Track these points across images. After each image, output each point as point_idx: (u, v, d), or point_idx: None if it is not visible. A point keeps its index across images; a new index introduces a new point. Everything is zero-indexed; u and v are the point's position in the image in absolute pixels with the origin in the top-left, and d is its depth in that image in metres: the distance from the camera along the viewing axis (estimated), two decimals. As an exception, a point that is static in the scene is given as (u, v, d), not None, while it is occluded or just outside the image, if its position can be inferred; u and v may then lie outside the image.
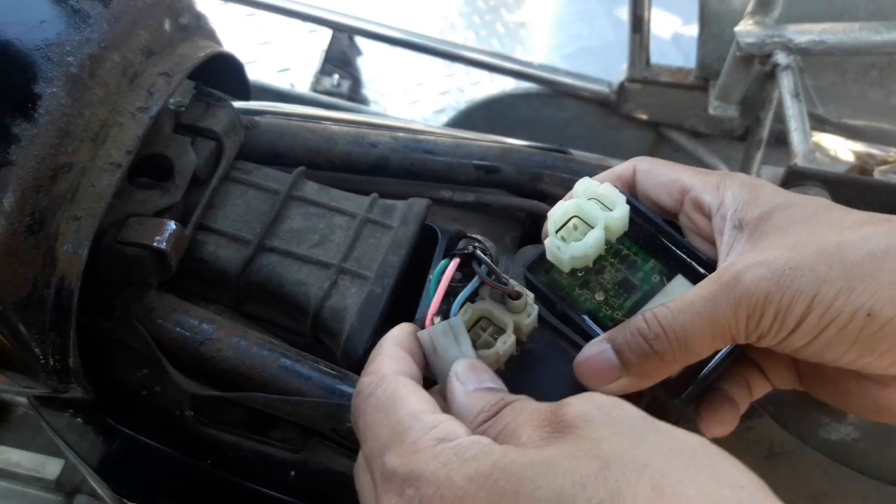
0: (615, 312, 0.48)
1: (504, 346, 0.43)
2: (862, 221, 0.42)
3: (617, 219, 0.47)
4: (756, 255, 0.41)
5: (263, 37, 2.24)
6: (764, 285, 0.39)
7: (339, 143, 0.68)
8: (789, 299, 0.39)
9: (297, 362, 0.55)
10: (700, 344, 0.42)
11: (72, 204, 0.50)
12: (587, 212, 0.47)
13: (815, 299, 0.39)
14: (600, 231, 0.46)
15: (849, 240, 0.40)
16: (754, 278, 0.40)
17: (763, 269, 0.40)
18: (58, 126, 0.49)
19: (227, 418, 0.58)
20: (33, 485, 0.99)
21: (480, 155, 0.69)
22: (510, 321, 0.44)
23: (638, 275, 0.48)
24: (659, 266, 0.49)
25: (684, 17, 2.43)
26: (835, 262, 0.39)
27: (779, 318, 0.40)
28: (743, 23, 1.21)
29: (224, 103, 0.64)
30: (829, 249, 0.40)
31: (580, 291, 0.48)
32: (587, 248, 0.46)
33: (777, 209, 0.44)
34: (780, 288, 0.39)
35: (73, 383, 0.54)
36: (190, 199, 0.59)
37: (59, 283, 0.50)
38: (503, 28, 2.56)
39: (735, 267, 0.41)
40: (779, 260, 0.40)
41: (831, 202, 0.44)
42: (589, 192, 0.48)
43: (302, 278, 0.58)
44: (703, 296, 0.41)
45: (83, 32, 0.51)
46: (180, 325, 0.56)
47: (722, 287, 0.41)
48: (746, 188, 0.46)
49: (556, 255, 0.47)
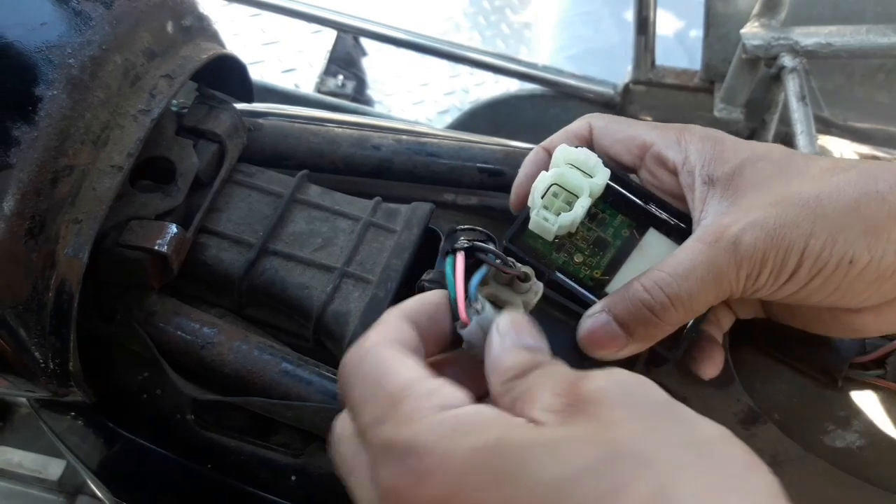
0: (594, 271, 0.49)
1: None
2: (830, 170, 0.45)
3: (599, 185, 0.49)
4: (744, 215, 0.44)
5: (268, 37, 2.24)
6: (761, 245, 0.43)
7: (342, 146, 0.68)
8: (783, 255, 0.43)
9: (299, 367, 0.54)
10: (703, 306, 0.45)
11: (72, 207, 0.50)
12: (569, 181, 0.48)
13: (804, 253, 0.43)
14: (587, 200, 0.48)
15: (825, 192, 0.43)
16: (752, 240, 0.43)
17: (758, 231, 0.43)
18: (58, 129, 0.49)
19: (228, 422, 0.57)
20: (35, 485, 0.99)
21: (484, 158, 0.68)
22: (519, 301, 0.44)
23: (609, 231, 0.50)
24: (627, 221, 0.50)
25: (690, 19, 2.42)
26: (817, 217, 0.43)
27: (773, 273, 0.43)
28: (749, 25, 1.20)
29: (227, 105, 0.63)
30: (809, 204, 0.43)
31: (557, 255, 0.50)
32: (576, 217, 0.48)
33: (746, 164, 0.46)
34: (774, 246, 0.43)
35: (73, 387, 0.54)
36: (192, 202, 0.59)
37: (59, 287, 0.50)
38: (508, 29, 2.56)
39: (730, 230, 0.43)
40: (769, 219, 0.43)
41: (790, 149, 0.47)
42: (568, 159, 0.49)
43: (305, 282, 0.58)
44: (703, 260, 0.43)
45: (84, 34, 0.51)
46: (181, 329, 0.56)
47: (721, 251, 0.43)
48: (709, 143, 0.48)
49: (544, 227, 0.48)
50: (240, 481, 0.57)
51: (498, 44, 2.50)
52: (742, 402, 0.55)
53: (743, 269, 0.43)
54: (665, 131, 0.50)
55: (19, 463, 0.98)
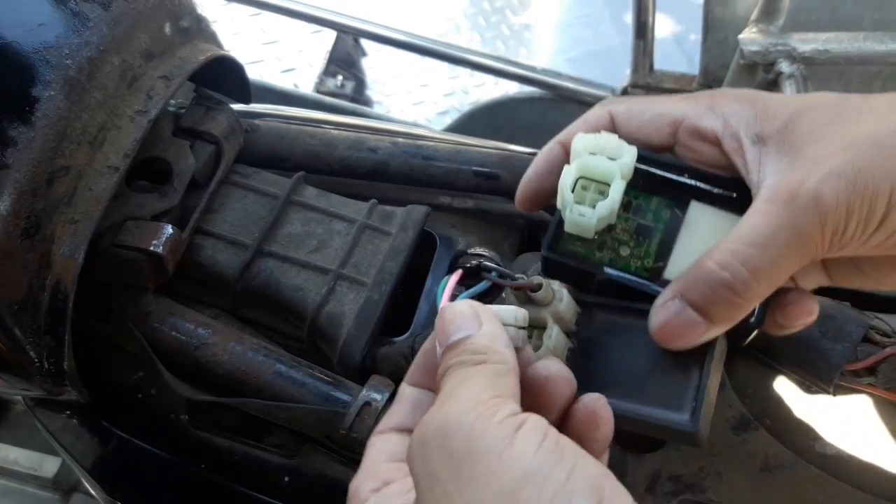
0: (645, 261, 0.45)
1: (551, 340, 0.42)
2: (889, 106, 0.40)
3: (628, 164, 0.45)
4: (816, 167, 0.39)
5: (268, 37, 2.24)
6: (844, 196, 0.38)
7: (339, 148, 0.68)
8: (869, 203, 0.38)
9: (293, 368, 0.55)
10: (788, 273, 0.40)
11: (68, 207, 0.50)
12: (596, 168, 0.44)
13: (892, 196, 0.38)
14: (620, 182, 0.44)
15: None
16: (832, 191, 0.38)
17: (836, 181, 0.38)
18: (55, 129, 0.49)
19: (222, 423, 0.58)
20: (30, 483, 0.99)
21: (480, 161, 0.68)
22: (547, 314, 0.43)
23: (648, 216, 0.46)
24: (665, 200, 0.46)
25: (689, 23, 2.42)
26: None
27: (861, 224, 0.39)
28: (747, 30, 1.20)
29: (224, 107, 0.64)
30: (886, 141, 0.38)
31: (602, 254, 0.46)
32: (613, 203, 0.44)
33: (797, 115, 0.41)
34: (858, 195, 0.38)
35: (67, 386, 0.54)
36: (188, 203, 0.59)
37: (54, 287, 0.50)
38: (508, 30, 2.56)
39: (806, 184, 0.38)
40: (846, 165, 0.38)
41: (839, 94, 0.43)
42: (588, 147, 0.45)
43: (300, 283, 0.58)
44: (783, 223, 0.39)
45: (82, 35, 0.51)
46: (176, 330, 0.56)
47: (801, 209, 0.38)
48: (746, 102, 0.43)
49: (582, 223, 0.44)
50: (233, 481, 0.58)
51: (498, 45, 2.50)
52: (734, 409, 0.55)
53: (828, 225, 0.38)
54: (694, 101, 0.45)
55: (14, 460, 0.98)
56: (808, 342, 0.56)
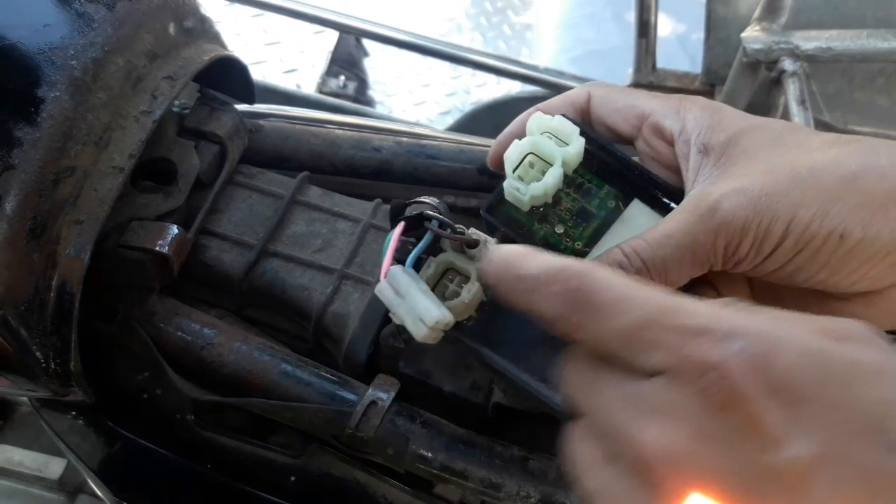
0: (575, 243, 0.48)
1: (469, 294, 0.43)
2: (829, 142, 0.42)
3: (573, 154, 0.47)
4: (730, 183, 0.41)
5: (270, 38, 2.25)
6: (741, 213, 0.40)
7: (343, 148, 0.68)
8: (766, 225, 0.40)
9: (298, 368, 0.55)
10: (680, 275, 0.42)
11: (74, 208, 0.50)
12: (542, 149, 0.46)
13: (791, 224, 0.40)
14: (558, 169, 0.46)
15: (820, 163, 0.40)
16: (731, 206, 0.40)
17: (739, 197, 0.40)
18: (61, 130, 0.49)
19: (228, 423, 0.58)
20: (36, 484, 0.99)
21: (483, 160, 0.68)
22: (473, 269, 0.44)
23: (594, 202, 0.48)
24: (614, 192, 0.49)
25: (691, 22, 2.42)
26: (809, 187, 0.40)
27: (756, 244, 0.40)
28: (750, 29, 1.20)
29: (228, 107, 0.64)
30: (802, 173, 0.40)
31: (539, 226, 0.48)
32: (546, 187, 0.46)
33: (743, 133, 0.43)
34: (757, 214, 0.40)
35: (73, 386, 0.54)
36: (193, 203, 0.59)
37: (60, 287, 0.50)
38: (510, 30, 2.56)
39: (711, 196, 0.41)
40: (754, 186, 0.40)
41: (792, 123, 0.45)
42: (542, 127, 0.47)
43: (305, 283, 0.58)
44: (681, 227, 0.41)
45: (87, 36, 0.51)
46: (181, 330, 0.56)
47: (699, 217, 0.41)
48: (707, 111, 0.45)
49: (516, 196, 0.47)
50: (239, 481, 0.58)
51: (500, 45, 2.50)
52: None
53: (721, 236, 0.40)
54: (665, 101, 0.47)
55: (20, 462, 0.98)
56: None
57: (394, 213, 0.47)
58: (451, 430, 0.53)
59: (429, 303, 0.42)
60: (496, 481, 0.51)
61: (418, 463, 0.52)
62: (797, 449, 0.28)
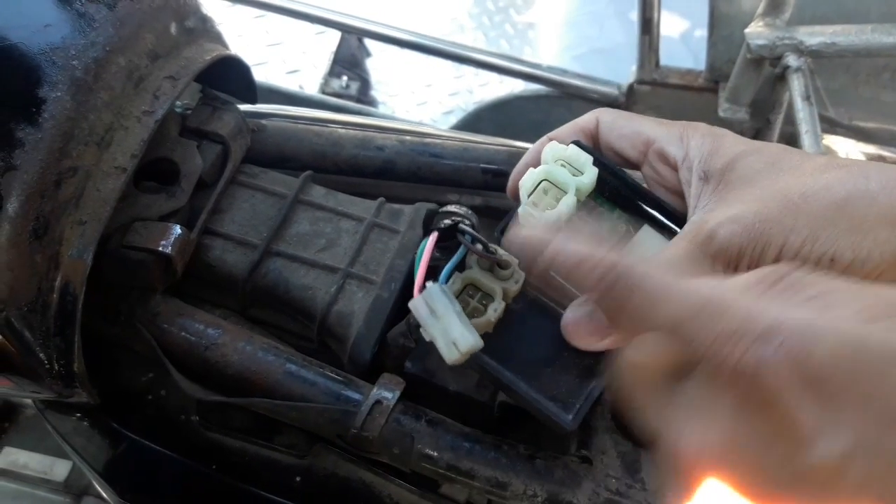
0: None
1: (495, 313, 0.45)
2: (822, 167, 0.44)
3: (586, 184, 0.48)
4: (725, 210, 0.43)
5: (272, 38, 2.25)
6: (736, 241, 0.42)
7: (346, 147, 0.68)
8: (760, 250, 0.42)
9: (303, 367, 0.54)
10: None
11: (76, 208, 0.50)
12: (557, 177, 0.48)
13: (783, 249, 0.41)
14: (572, 198, 0.47)
15: (812, 189, 0.42)
16: (727, 234, 0.42)
17: (734, 225, 0.42)
18: (62, 130, 0.49)
19: (233, 423, 0.58)
20: (41, 486, 0.99)
21: (488, 158, 0.68)
22: (498, 288, 0.45)
23: (605, 226, 0.50)
24: (625, 217, 0.50)
25: (695, 19, 2.41)
26: (800, 213, 0.42)
27: (751, 268, 0.41)
28: (753, 25, 1.20)
29: (230, 107, 0.63)
30: (794, 200, 0.42)
31: None
32: (560, 215, 0.47)
33: (739, 158, 0.45)
34: (751, 241, 0.42)
35: (77, 387, 0.54)
36: (196, 203, 0.59)
37: (63, 288, 0.50)
38: (512, 29, 2.56)
39: (708, 225, 0.43)
40: (748, 214, 0.42)
41: (789, 147, 0.46)
42: (557, 156, 0.49)
43: (309, 283, 0.58)
44: (681, 254, 0.43)
45: (88, 36, 0.51)
46: (185, 330, 0.56)
47: (698, 246, 0.43)
48: (709, 138, 0.47)
49: (531, 223, 0.48)
50: (244, 482, 0.58)
51: (502, 44, 2.50)
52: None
53: (718, 263, 0.42)
54: (669, 127, 0.49)
55: (25, 464, 0.98)
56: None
57: (427, 220, 0.48)
58: (456, 429, 0.53)
59: (464, 329, 0.43)
60: (502, 480, 0.51)
61: (424, 462, 0.51)
62: (829, 445, 0.29)
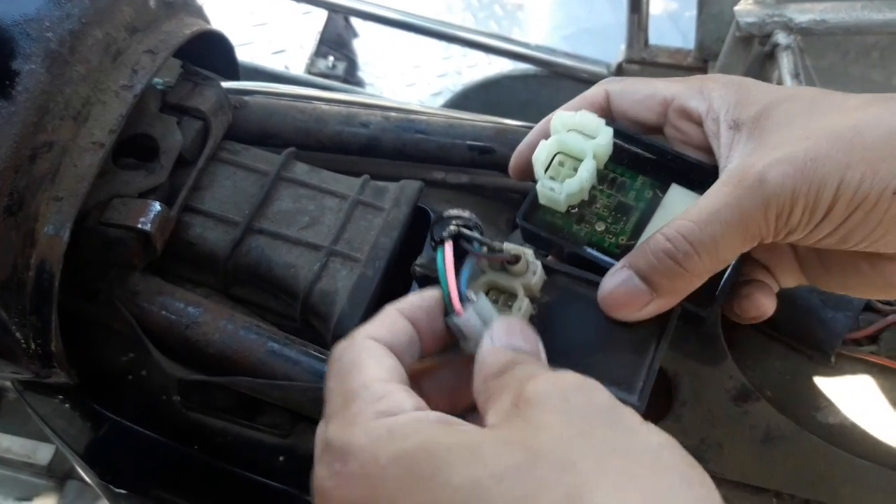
0: (619, 238, 0.47)
1: (521, 311, 0.42)
2: (867, 102, 0.41)
3: (603, 145, 0.46)
4: (771, 153, 0.40)
5: (258, 18, 2.22)
6: (790, 182, 0.39)
7: (330, 124, 0.67)
8: (816, 190, 0.39)
9: (285, 346, 0.54)
10: (731, 251, 0.41)
11: (52, 184, 0.49)
12: (571, 145, 0.46)
13: (840, 186, 0.39)
14: (591, 162, 0.45)
15: (862, 122, 0.39)
16: (778, 176, 0.39)
17: (785, 166, 0.39)
18: (37, 104, 0.47)
19: (215, 403, 0.57)
20: (25, 470, 0.99)
21: (474, 135, 0.67)
22: (518, 285, 0.43)
23: (630, 195, 0.48)
24: (649, 181, 0.48)
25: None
26: (854, 147, 0.39)
27: (807, 211, 0.39)
28: (743, 2, 1.19)
29: (211, 82, 0.62)
30: (845, 134, 0.39)
31: (578, 227, 0.47)
32: (582, 182, 0.45)
33: (773, 105, 0.43)
34: (805, 181, 0.39)
35: (55, 368, 0.53)
36: (176, 180, 0.58)
37: (39, 266, 0.49)
38: (501, 10, 2.54)
39: (755, 167, 0.40)
40: (797, 153, 0.39)
41: (823, 90, 0.44)
42: (567, 125, 0.47)
43: (291, 261, 0.57)
44: (728, 201, 0.40)
45: (63, 7, 0.50)
46: (165, 309, 0.55)
47: (746, 190, 0.40)
48: (732, 87, 0.45)
49: (552, 197, 0.46)
50: (227, 462, 0.57)
51: (491, 24, 2.48)
52: (735, 379, 0.54)
53: (771, 207, 0.39)
54: (687, 83, 0.47)
55: (8, 448, 0.98)
56: (810, 311, 0.55)
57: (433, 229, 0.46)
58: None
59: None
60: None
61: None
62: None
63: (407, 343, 0.39)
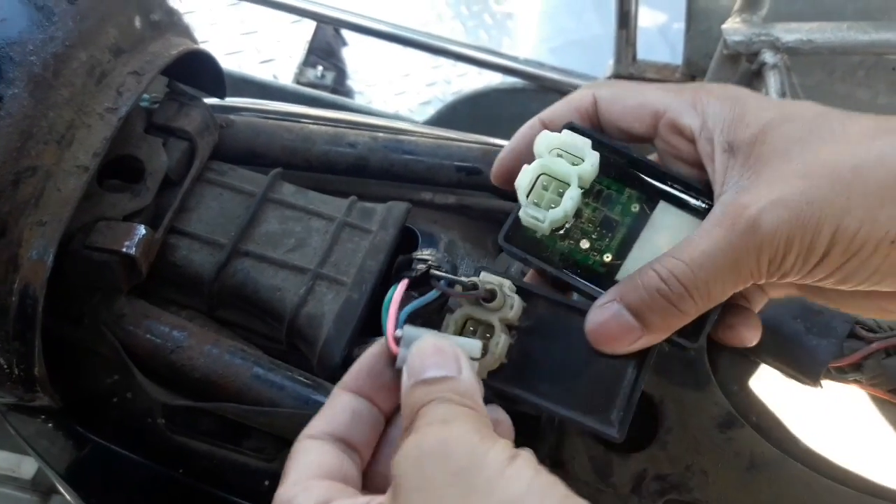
0: (604, 256, 0.45)
1: (499, 347, 0.42)
2: (870, 133, 0.39)
3: (589, 170, 0.44)
4: (766, 192, 0.38)
5: (247, 27, 2.21)
6: (784, 227, 0.37)
7: (317, 143, 0.66)
8: (811, 237, 0.38)
9: (271, 371, 0.53)
10: (723, 293, 0.40)
11: (36, 209, 0.49)
12: (555, 170, 0.44)
13: (836, 233, 0.37)
14: (576, 190, 0.44)
15: (863, 160, 0.37)
16: (773, 220, 0.38)
17: (780, 209, 0.38)
18: (20, 128, 0.47)
19: (200, 427, 0.57)
20: (8, 484, 0.97)
21: (461, 156, 0.67)
22: (495, 319, 0.42)
23: (616, 209, 0.46)
24: (636, 194, 0.46)
25: (672, 13, 2.41)
26: (854, 190, 0.37)
27: (801, 256, 0.38)
28: (730, 20, 1.20)
29: (197, 102, 0.62)
30: (844, 175, 0.37)
31: (562, 244, 0.46)
32: (566, 210, 0.43)
33: (770, 127, 0.40)
34: (801, 227, 0.37)
35: (39, 392, 0.53)
36: (162, 202, 0.58)
37: (23, 291, 0.49)
38: (491, 19, 2.54)
39: (749, 210, 0.38)
40: (794, 195, 0.38)
41: (825, 109, 0.41)
42: (551, 146, 0.45)
43: (277, 284, 0.57)
44: (721, 246, 0.39)
45: (47, 31, 0.49)
46: (151, 332, 0.54)
47: (739, 235, 0.38)
48: (728, 103, 0.42)
49: (535, 224, 0.44)
50: (212, 486, 0.57)
51: (480, 34, 2.49)
52: (720, 406, 0.55)
53: (764, 253, 0.38)
54: (679, 94, 0.44)
55: (-9, 462, 0.96)
56: (794, 338, 0.55)
57: (398, 268, 0.45)
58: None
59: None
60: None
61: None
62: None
63: (349, 421, 0.40)
